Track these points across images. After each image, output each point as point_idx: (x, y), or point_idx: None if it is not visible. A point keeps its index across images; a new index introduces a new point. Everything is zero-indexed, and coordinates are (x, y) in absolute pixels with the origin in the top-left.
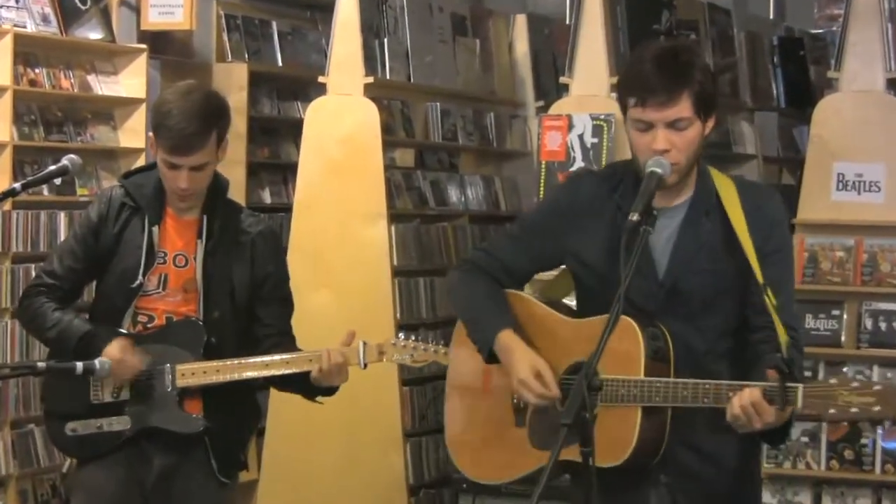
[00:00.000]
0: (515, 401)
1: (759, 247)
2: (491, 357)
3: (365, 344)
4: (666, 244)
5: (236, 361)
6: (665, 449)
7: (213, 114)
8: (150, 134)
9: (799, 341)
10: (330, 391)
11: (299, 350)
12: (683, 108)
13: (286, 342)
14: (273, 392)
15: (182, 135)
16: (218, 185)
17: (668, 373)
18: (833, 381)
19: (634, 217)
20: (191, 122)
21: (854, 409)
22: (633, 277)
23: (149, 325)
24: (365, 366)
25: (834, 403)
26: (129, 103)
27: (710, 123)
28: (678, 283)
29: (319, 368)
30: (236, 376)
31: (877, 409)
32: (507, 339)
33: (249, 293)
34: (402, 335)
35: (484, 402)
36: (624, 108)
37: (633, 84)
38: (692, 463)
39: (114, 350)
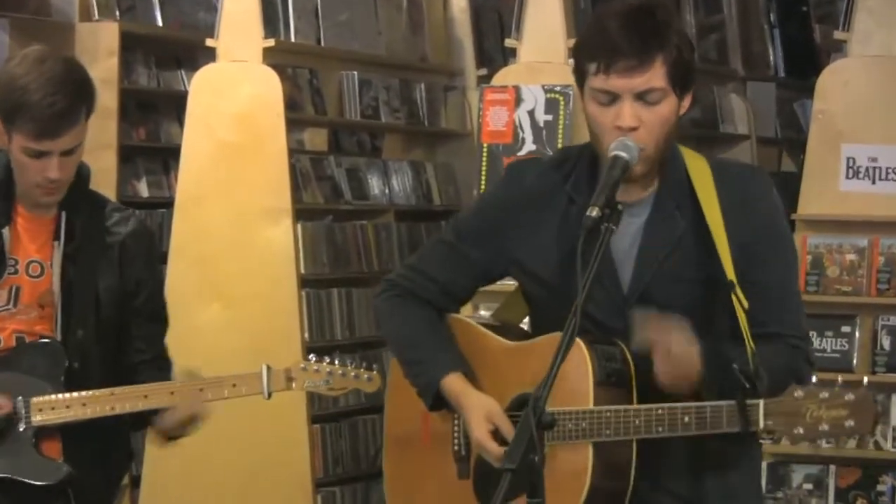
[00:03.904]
0: (456, 448)
1: (738, 238)
2: (436, 403)
3: (269, 368)
4: (630, 248)
5: (108, 392)
6: (632, 496)
7: (80, 83)
8: None
9: (801, 348)
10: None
11: (183, 379)
12: (656, 76)
13: (163, 368)
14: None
15: (50, 113)
16: (78, 175)
17: (628, 399)
18: (798, 393)
19: (594, 213)
20: (57, 97)
21: (824, 426)
22: (592, 290)
23: None
24: (269, 395)
25: (801, 420)
26: None
27: (687, 102)
28: (647, 295)
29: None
30: (108, 410)
31: (850, 423)
32: (455, 385)
33: (118, 308)
34: (313, 357)
35: (424, 454)
36: (581, 78)
37: (594, 45)
38: None
39: None
